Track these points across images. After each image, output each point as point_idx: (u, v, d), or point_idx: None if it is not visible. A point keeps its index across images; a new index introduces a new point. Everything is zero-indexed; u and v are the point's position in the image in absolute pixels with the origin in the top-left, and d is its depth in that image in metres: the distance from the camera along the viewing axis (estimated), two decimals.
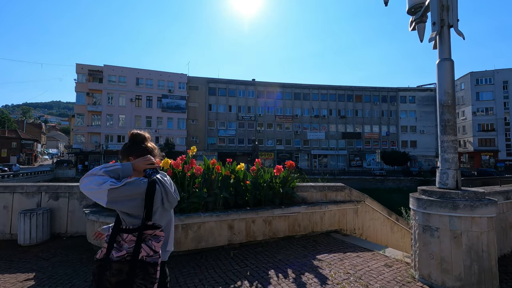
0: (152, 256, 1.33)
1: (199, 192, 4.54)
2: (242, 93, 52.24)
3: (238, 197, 5.00)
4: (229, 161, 5.34)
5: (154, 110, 46.11)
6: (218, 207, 4.76)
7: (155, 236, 1.38)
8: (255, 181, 5.12)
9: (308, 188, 5.52)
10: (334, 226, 5.32)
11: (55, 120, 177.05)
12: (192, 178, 4.64)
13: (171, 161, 4.65)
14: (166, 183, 1.54)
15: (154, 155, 1.61)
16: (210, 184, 4.83)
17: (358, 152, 55.20)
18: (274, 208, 4.83)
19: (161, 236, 1.39)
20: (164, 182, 1.52)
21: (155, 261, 1.33)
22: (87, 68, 43.53)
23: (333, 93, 55.51)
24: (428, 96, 56.55)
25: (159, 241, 1.37)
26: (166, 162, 4.54)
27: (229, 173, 5.00)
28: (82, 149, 42.79)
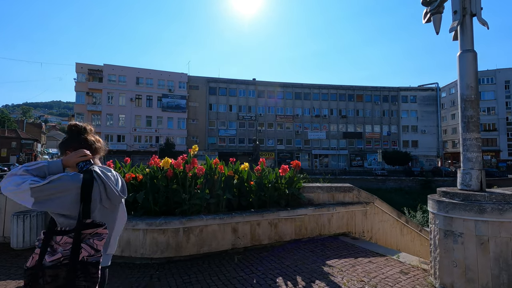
0: (94, 255, 1.23)
1: (201, 193, 4.30)
2: (242, 93, 51.99)
3: (242, 198, 4.76)
4: (232, 160, 5.10)
5: (154, 110, 45.87)
6: (221, 209, 4.52)
7: (97, 234, 1.26)
8: (260, 182, 4.88)
9: (314, 189, 5.28)
10: (343, 229, 5.08)
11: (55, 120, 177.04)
12: (193, 178, 4.40)
13: (172, 160, 4.42)
14: (108, 178, 1.37)
15: (95, 149, 1.47)
16: (213, 185, 4.60)
17: (359, 152, 54.93)
18: (280, 210, 4.59)
19: (103, 234, 1.27)
20: (102, 177, 1.34)
21: (97, 260, 1.24)
22: (87, 68, 43.31)
23: (334, 93, 55.25)
24: (429, 95, 56.27)
25: (101, 239, 1.26)
26: (166, 161, 4.31)
27: (232, 173, 4.77)
28: None
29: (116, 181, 1.43)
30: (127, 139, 43.86)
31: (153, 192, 4.21)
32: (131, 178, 4.38)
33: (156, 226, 3.77)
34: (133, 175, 4.43)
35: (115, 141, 43.56)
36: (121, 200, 1.42)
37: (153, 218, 3.92)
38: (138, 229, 3.77)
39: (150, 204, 4.15)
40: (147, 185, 4.22)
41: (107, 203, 1.34)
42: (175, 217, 4.03)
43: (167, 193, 4.24)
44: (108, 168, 1.46)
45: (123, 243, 3.78)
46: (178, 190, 4.22)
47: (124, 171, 4.62)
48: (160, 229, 3.79)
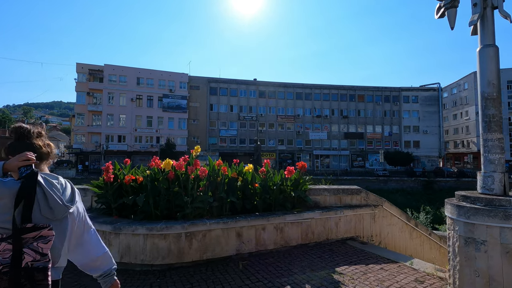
0: (40, 260, 1.13)
1: (204, 196, 4.12)
2: (243, 93, 51.83)
3: (246, 201, 4.57)
4: (236, 162, 4.92)
5: (155, 110, 45.74)
6: (225, 213, 4.33)
7: (42, 237, 1.16)
8: (265, 184, 4.70)
9: (321, 192, 5.09)
10: (350, 233, 4.89)
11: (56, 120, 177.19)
12: (196, 180, 4.22)
13: (173, 162, 4.24)
14: (52, 185, 1.23)
15: (41, 154, 1.34)
16: (216, 188, 4.41)
17: (360, 153, 54.69)
18: (286, 213, 4.41)
19: (49, 235, 1.16)
20: (42, 183, 1.20)
21: (44, 265, 1.13)
22: (87, 68, 43.20)
23: (335, 93, 55.04)
24: (431, 96, 56.01)
25: (47, 242, 1.16)
26: (167, 163, 4.13)
27: (236, 175, 4.58)
28: (83, 149, 42.44)
29: (63, 189, 1.29)
30: (128, 139, 43.74)
31: (153, 195, 4.03)
32: (130, 180, 4.20)
33: (157, 231, 3.58)
34: (133, 177, 4.25)
35: (116, 141, 43.43)
36: (68, 210, 1.25)
37: (154, 223, 3.73)
38: (138, 234, 3.59)
39: (151, 207, 3.97)
40: (147, 188, 4.04)
41: (48, 212, 1.19)
42: (177, 221, 3.85)
43: (169, 196, 4.06)
44: (54, 175, 1.33)
45: (123, 249, 3.60)
46: (180, 193, 4.04)
47: (123, 173, 4.44)
48: (161, 234, 3.61)
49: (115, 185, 4.24)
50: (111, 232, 3.64)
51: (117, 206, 4.19)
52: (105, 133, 42.86)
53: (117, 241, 3.63)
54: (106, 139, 42.67)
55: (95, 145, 42.12)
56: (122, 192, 4.29)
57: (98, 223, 3.74)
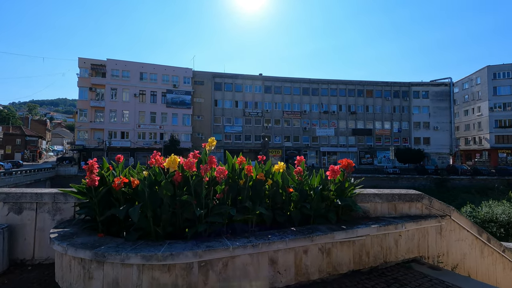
0: None
1: (223, 207, 2.97)
2: (249, 88, 50.60)
3: (277, 211, 3.42)
4: (262, 158, 3.76)
5: (158, 106, 44.74)
6: (250, 229, 3.19)
7: None
8: (302, 189, 3.54)
9: (370, 198, 3.92)
10: (413, 253, 3.72)
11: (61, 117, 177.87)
12: (211, 184, 3.08)
13: (181, 159, 3.10)
14: None
15: None
16: (238, 194, 3.27)
17: (368, 149, 53.28)
18: (333, 229, 3.24)
19: None
20: None
21: None
22: (89, 63, 42.25)
23: (343, 88, 53.55)
24: (442, 91, 54.26)
25: None
26: (173, 160, 2.98)
27: (263, 177, 3.41)
28: (85, 146, 41.64)
29: None
30: (131, 135, 42.83)
31: (153, 205, 2.89)
32: (122, 184, 3.06)
33: (157, 261, 2.44)
34: (126, 179, 3.11)
35: (119, 137, 42.56)
36: None
37: (153, 246, 2.60)
38: (130, 265, 2.46)
39: (149, 223, 2.84)
40: (144, 195, 2.90)
41: None
42: (186, 242, 2.72)
43: (174, 206, 2.92)
44: None
45: (108, 286, 2.48)
46: (190, 202, 2.90)
47: (113, 173, 3.31)
48: (164, 265, 2.48)
49: (101, 190, 3.11)
50: (91, 260, 2.51)
51: (104, 219, 3.07)
52: (108, 129, 41.99)
53: (100, 274, 2.50)
54: (109, 135, 41.81)
55: (97, 142, 41.27)
56: (112, 200, 3.16)
57: (75, 246, 2.61)
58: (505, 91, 52.56)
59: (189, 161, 2.96)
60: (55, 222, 3.79)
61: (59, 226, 3.35)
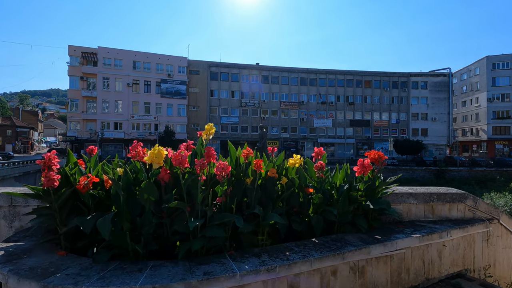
0: None
1: (225, 216, 2.23)
2: (245, 78, 49.46)
3: (292, 218, 2.69)
4: (272, 150, 3.02)
5: (152, 96, 43.52)
6: (261, 242, 2.46)
7: None
8: (324, 190, 2.81)
9: (403, 198, 3.21)
10: (458, 266, 3.04)
11: (54, 108, 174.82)
12: (210, 185, 2.33)
13: (169, 151, 2.34)
14: None
15: None
16: (243, 196, 2.53)
17: (366, 141, 52.87)
18: (366, 242, 2.53)
19: None
20: None
21: None
22: (80, 51, 40.67)
23: (342, 78, 52.66)
24: (441, 81, 53.68)
25: None
26: (157, 153, 2.22)
27: (275, 174, 2.67)
28: (77, 137, 40.48)
29: None
30: (125, 126, 41.71)
31: (131, 214, 2.14)
32: (90, 184, 2.29)
33: None
34: (96, 178, 2.33)
35: (112, 128, 41.43)
36: None
37: (129, 274, 1.86)
38: None
39: (126, 238, 2.08)
40: (119, 201, 2.14)
41: None
42: (176, 265, 1.98)
43: (160, 215, 2.17)
44: None
45: None
46: (182, 209, 2.15)
47: (81, 170, 2.53)
48: None
49: (64, 193, 2.34)
50: None
51: (68, 231, 2.31)
52: (101, 120, 40.80)
53: None
54: (102, 126, 40.62)
55: (90, 133, 40.11)
56: (80, 205, 2.40)
57: (19, 273, 1.85)
58: (504, 81, 52.16)
59: (179, 155, 2.18)
60: (13, 230, 3.01)
61: (12, 238, 2.58)
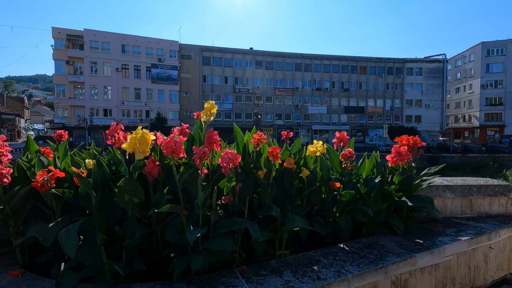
0: None
1: (236, 222, 1.68)
2: (239, 63, 48.20)
3: (314, 219, 2.17)
4: (287, 135, 2.47)
5: (143, 81, 42.09)
6: (278, 252, 1.94)
7: None
8: (353, 184, 2.29)
9: (438, 191, 2.73)
10: (503, 270, 2.60)
11: (41, 95, 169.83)
12: (212, 179, 1.77)
13: (159, 136, 1.76)
14: None
15: None
16: (254, 193, 1.99)
17: (360, 127, 52.76)
18: (409, 249, 2.03)
19: None
20: None
21: None
22: (65, 33, 38.71)
23: (337, 64, 51.83)
24: (436, 68, 53.35)
25: None
26: (140, 138, 1.62)
27: (293, 165, 2.11)
28: (65, 124, 39.10)
29: None
30: (115, 113, 40.44)
31: (107, 221, 1.57)
32: (53, 181, 1.70)
33: None
34: (61, 173, 1.74)
35: (102, 115, 40.13)
36: None
37: None
38: None
39: (100, 255, 1.52)
40: (90, 204, 1.57)
41: None
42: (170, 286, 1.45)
43: (148, 222, 1.61)
44: None
45: None
46: (176, 212, 1.60)
47: (42, 162, 1.93)
48: None
49: (18, 192, 1.74)
50: None
51: (25, 242, 1.74)
52: (89, 107, 39.41)
53: None
54: (91, 113, 39.27)
55: (78, 120, 38.78)
56: (43, 208, 1.82)
57: None
58: (497, 68, 52.18)
59: (172, 140, 1.60)
60: None
61: None
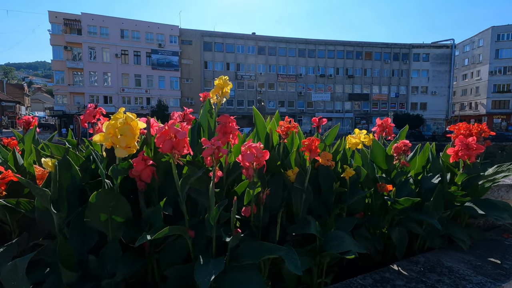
0: None
1: (264, 247, 1.16)
2: (241, 49, 47.02)
3: (358, 231, 1.65)
4: (318, 122, 1.91)
5: (143, 68, 41.19)
6: (316, 280, 1.43)
7: None
8: (406, 185, 1.76)
9: (501, 192, 2.23)
10: None
11: (41, 82, 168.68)
12: (226, 183, 1.24)
13: (153, 123, 1.20)
14: None
15: None
16: (282, 205, 1.47)
17: (364, 115, 51.94)
18: (488, 275, 1.52)
19: None
20: None
21: None
22: (62, 17, 37.60)
23: (341, 50, 50.50)
24: (443, 53, 51.91)
25: None
26: (124, 127, 1.07)
27: (331, 162, 1.57)
28: (65, 111, 38.59)
29: None
30: (115, 100, 39.79)
31: (78, 249, 1.05)
32: (2, 187, 1.17)
33: None
34: (12, 176, 1.20)
35: (102, 102, 39.48)
36: None
37: None
38: None
39: None
40: (52, 222, 1.04)
41: None
42: None
43: (137, 248, 1.09)
44: None
45: None
46: (182, 236, 1.07)
47: None
48: None
49: None
50: None
51: None
52: (89, 93, 38.76)
53: None
54: (91, 100, 38.63)
55: (77, 107, 38.21)
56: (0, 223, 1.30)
57: None
58: (507, 54, 50.69)
59: (172, 129, 1.05)
60: None
61: None
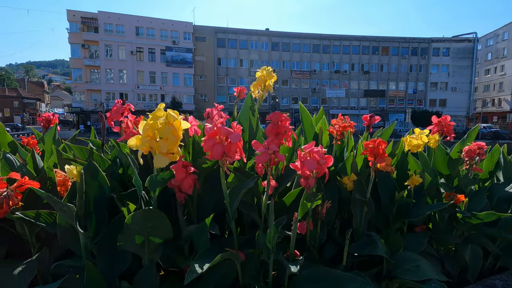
0: None
1: (327, 273, 0.95)
2: (254, 45, 46.60)
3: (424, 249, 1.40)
4: (370, 121, 1.67)
5: (157, 65, 41.50)
6: None
7: None
8: (483, 195, 1.50)
9: None
10: None
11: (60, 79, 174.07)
12: (276, 193, 1.03)
13: (193, 122, 1.00)
14: None
15: None
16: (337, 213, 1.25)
17: (380, 112, 50.47)
18: None
19: None
20: None
21: None
22: (79, 15, 38.27)
23: (357, 45, 49.21)
24: (465, 47, 49.73)
25: None
26: (165, 128, 0.87)
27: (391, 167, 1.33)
28: (83, 108, 39.46)
29: None
30: (130, 97, 40.30)
31: (111, 270, 0.87)
32: (19, 197, 1.00)
33: None
34: (34, 183, 1.03)
35: (118, 99, 40.08)
36: None
37: None
38: None
39: None
40: (77, 243, 0.86)
41: None
42: None
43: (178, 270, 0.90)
44: None
45: None
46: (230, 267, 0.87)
47: (11, 162, 1.24)
48: None
49: None
50: None
51: None
52: (105, 91, 39.43)
53: None
54: (107, 97, 39.34)
55: (94, 104, 38.97)
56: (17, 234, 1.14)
57: None
58: None
59: (223, 131, 0.85)
60: None
61: None
